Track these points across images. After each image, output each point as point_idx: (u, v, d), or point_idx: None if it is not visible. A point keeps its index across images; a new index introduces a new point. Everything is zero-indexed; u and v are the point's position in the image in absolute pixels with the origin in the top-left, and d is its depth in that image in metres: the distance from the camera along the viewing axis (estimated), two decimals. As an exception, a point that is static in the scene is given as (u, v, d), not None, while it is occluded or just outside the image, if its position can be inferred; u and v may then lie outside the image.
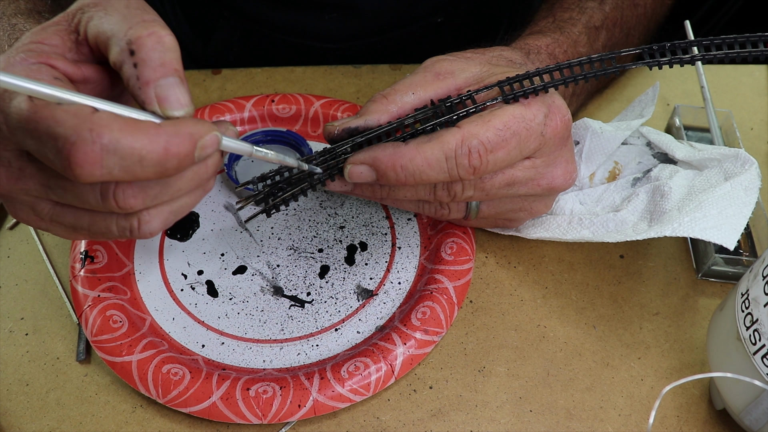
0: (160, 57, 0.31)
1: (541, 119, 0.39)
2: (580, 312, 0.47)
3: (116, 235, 0.34)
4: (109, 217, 0.33)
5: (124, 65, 0.31)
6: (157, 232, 0.34)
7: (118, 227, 0.33)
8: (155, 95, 0.31)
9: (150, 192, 0.32)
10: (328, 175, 0.41)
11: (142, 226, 0.33)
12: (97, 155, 0.28)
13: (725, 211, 0.41)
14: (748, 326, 0.37)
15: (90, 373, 0.44)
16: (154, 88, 0.31)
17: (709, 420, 0.42)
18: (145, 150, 0.29)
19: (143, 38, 0.31)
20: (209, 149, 0.31)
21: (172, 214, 0.34)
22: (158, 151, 0.29)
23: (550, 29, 0.50)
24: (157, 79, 0.31)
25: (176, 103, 0.31)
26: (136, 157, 0.29)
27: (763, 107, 0.61)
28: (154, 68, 0.31)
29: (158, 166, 0.30)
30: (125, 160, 0.29)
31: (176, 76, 0.31)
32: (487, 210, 0.45)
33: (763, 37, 0.39)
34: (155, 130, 0.30)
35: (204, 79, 0.62)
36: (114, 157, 0.29)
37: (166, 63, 0.31)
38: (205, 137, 0.31)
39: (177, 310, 0.46)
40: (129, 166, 0.29)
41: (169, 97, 0.31)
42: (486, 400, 0.43)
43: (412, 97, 0.41)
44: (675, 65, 0.40)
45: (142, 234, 0.34)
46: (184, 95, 0.31)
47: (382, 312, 0.46)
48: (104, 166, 0.29)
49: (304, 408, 0.40)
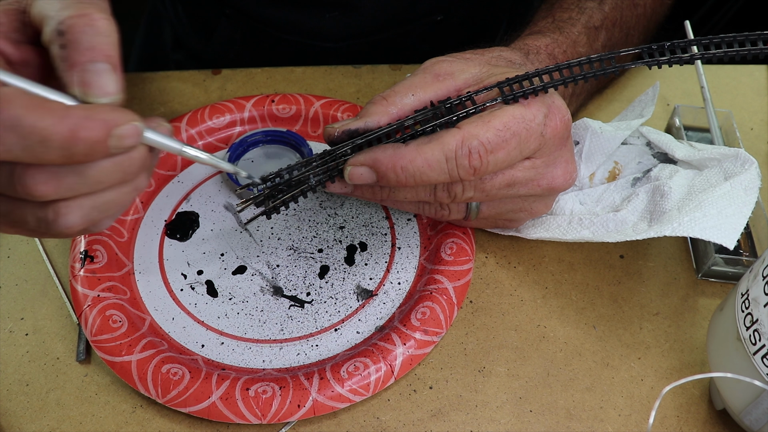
0: (90, 40, 0.29)
1: (541, 119, 0.39)
2: (580, 312, 0.47)
3: (33, 226, 0.32)
4: (25, 205, 0.31)
5: (52, 45, 0.30)
6: (77, 228, 0.32)
7: (33, 217, 0.31)
8: (78, 79, 0.29)
9: (64, 180, 0.30)
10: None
11: (59, 218, 0.31)
12: None
13: (725, 210, 0.41)
14: (748, 326, 0.37)
15: (90, 373, 0.44)
16: (79, 71, 0.29)
17: (709, 420, 0.42)
18: (48, 131, 0.27)
19: (74, 18, 0.29)
20: (128, 140, 0.30)
21: (94, 209, 0.32)
22: (63, 133, 0.28)
23: (549, 29, 0.50)
24: (84, 63, 0.29)
25: (99, 89, 0.29)
26: (38, 137, 0.27)
27: (763, 107, 0.61)
28: (81, 51, 0.29)
29: (64, 150, 0.28)
30: (27, 139, 0.27)
31: (106, 62, 0.30)
32: (487, 210, 0.45)
33: (762, 36, 0.39)
34: (63, 111, 0.28)
35: (204, 79, 0.62)
36: (13, 135, 0.27)
37: (96, 47, 0.29)
38: (123, 126, 0.29)
39: (177, 310, 0.46)
40: (31, 146, 0.28)
41: (92, 82, 0.29)
42: (486, 400, 0.43)
43: (411, 99, 0.41)
44: (675, 65, 0.40)
45: (59, 228, 0.32)
46: (111, 83, 0.30)
47: (381, 312, 0.46)
48: (2, 143, 0.27)
49: (304, 408, 0.40)
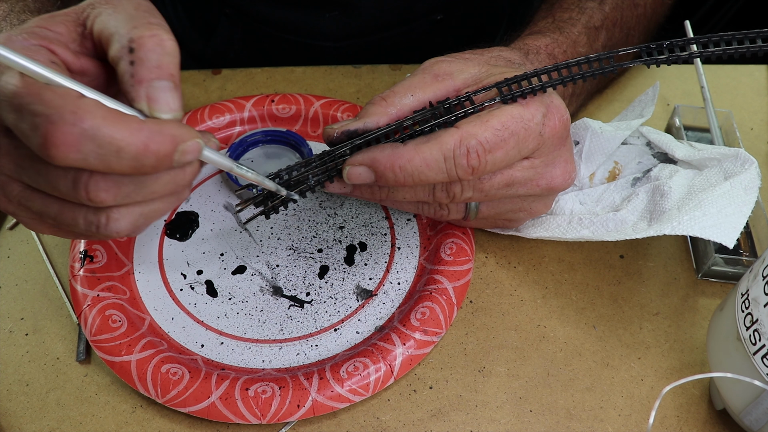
0: (158, 59, 0.31)
1: (540, 119, 0.39)
2: (580, 312, 0.47)
3: (82, 229, 0.33)
4: (78, 208, 0.33)
5: (121, 61, 0.31)
6: (125, 233, 0.34)
7: (85, 221, 0.33)
8: (146, 95, 0.31)
9: (123, 189, 0.31)
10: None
11: (110, 223, 0.33)
12: (75, 138, 0.28)
13: (725, 209, 0.41)
14: (748, 326, 0.37)
15: (90, 374, 0.44)
16: (146, 87, 0.31)
17: (709, 420, 0.42)
18: (125, 142, 0.29)
19: (145, 38, 0.31)
20: (189, 155, 0.31)
21: (142, 216, 0.34)
22: (137, 146, 0.29)
23: (549, 29, 0.50)
24: (151, 79, 0.31)
25: (165, 105, 0.31)
26: (114, 148, 0.29)
27: (763, 107, 0.61)
28: (150, 68, 0.31)
29: (135, 161, 0.29)
30: (102, 149, 0.29)
31: (171, 81, 0.31)
32: (486, 210, 0.45)
33: (761, 33, 0.39)
34: (138, 124, 0.29)
35: (204, 79, 0.62)
36: (92, 144, 0.28)
37: (162, 66, 0.31)
38: (188, 142, 0.31)
39: (176, 310, 0.46)
40: (105, 156, 0.29)
41: (159, 98, 0.31)
42: (486, 400, 0.42)
43: (411, 99, 0.41)
44: (675, 65, 0.40)
45: (109, 232, 0.33)
46: (174, 100, 0.31)
47: (381, 312, 0.46)
48: (80, 151, 0.28)
49: (303, 408, 0.40)
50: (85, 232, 0.34)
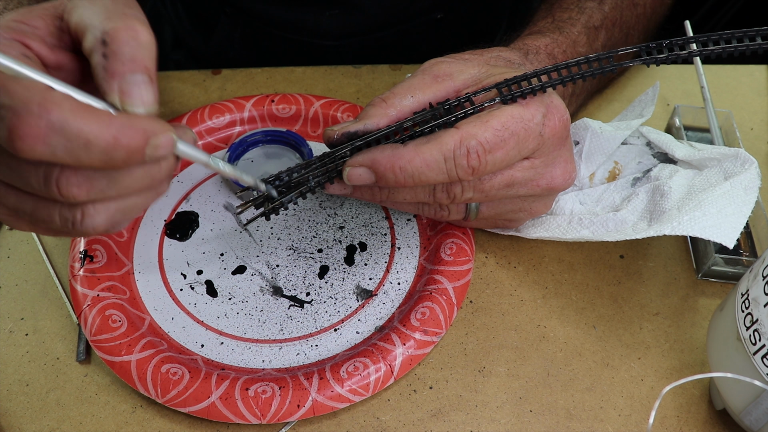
0: (132, 52, 0.30)
1: (540, 119, 0.39)
2: (580, 312, 0.47)
3: (58, 225, 0.33)
4: (52, 205, 0.32)
5: (94, 54, 0.30)
6: (102, 229, 0.33)
7: (61, 217, 0.32)
8: (118, 88, 0.30)
9: (96, 184, 0.31)
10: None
11: (85, 219, 0.32)
12: (41, 130, 0.28)
13: (725, 210, 0.41)
14: (748, 326, 0.37)
15: (90, 374, 0.44)
16: (119, 81, 0.30)
17: (709, 420, 0.42)
18: (93, 135, 0.28)
19: (119, 30, 0.30)
20: (162, 150, 0.31)
21: (119, 212, 0.33)
22: (106, 139, 0.29)
23: (549, 29, 0.50)
24: (125, 73, 0.30)
25: (138, 99, 0.30)
26: (83, 141, 0.28)
27: (763, 107, 0.61)
28: (123, 62, 0.30)
29: (104, 155, 0.29)
30: (71, 142, 0.28)
31: (145, 74, 0.31)
32: (486, 211, 0.45)
33: (760, 32, 0.39)
34: (108, 118, 0.29)
35: (204, 79, 0.62)
36: (59, 137, 0.28)
37: (136, 59, 0.30)
38: (160, 136, 0.30)
39: (176, 310, 0.46)
40: (74, 149, 0.28)
41: (132, 92, 0.30)
42: (486, 400, 0.42)
43: (411, 101, 0.41)
44: (675, 64, 0.40)
45: (85, 229, 0.32)
46: (148, 94, 0.31)
47: (381, 312, 0.46)
48: (47, 143, 0.28)
49: (303, 408, 0.40)
50: (61, 229, 0.33)
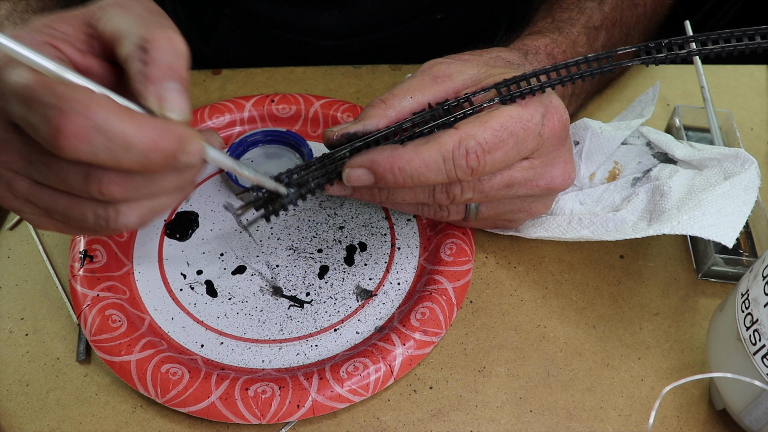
0: (170, 60, 0.31)
1: (539, 119, 0.39)
2: (580, 312, 0.47)
3: (91, 223, 0.33)
4: (87, 203, 0.33)
5: (132, 61, 0.31)
6: (132, 227, 0.34)
7: (95, 216, 0.33)
8: (156, 94, 0.31)
9: (133, 184, 0.32)
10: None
11: (119, 217, 0.33)
12: (86, 130, 0.28)
13: (724, 209, 0.41)
14: (748, 326, 0.36)
15: (90, 374, 0.44)
16: (157, 87, 0.31)
17: (709, 420, 0.42)
18: (135, 138, 0.29)
19: (158, 38, 0.31)
20: (194, 157, 0.31)
21: (149, 211, 0.34)
22: (146, 142, 0.29)
23: (548, 30, 0.50)
24: (163, 80, 0.31)
25: (175, 106, 0.31)
26: (124, 143, 0.29)
27: (763, 107, 0.61)
28: (162, 69, 0.31)
29: (143, 158, 0.30)
30: (113, 143, 0.29)
31: (180, 83, 0.31)
32: (486, 211, 0.45)
33: (760, 30, 0.38)
34: (147, 121, 0.30)
35: (204, 79, 0.62)
36: (102, 138, 0.29)
37: (174, 67, 0.31)
38: (193, 143, 0.31)
39: (176, 310, 0.46)
40: (115, 150, 0.29)
41: (169, 99, 0.31)
42: (486, 401, 0.42)
43: (410, 101, 0.41)
44: (675, 64, 0.40)
45: (118, 226, 0.33)
46: (183, 102, 0.31)
47: (381, 312, 0.46)
48: (90, 143, 0.29)
49: (303, 408, 0.40)
50: (93, 227, 0.34)
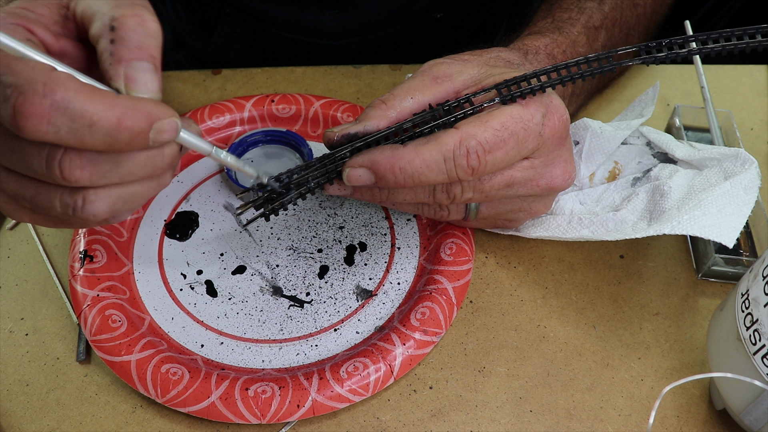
0: (139, 39, 0.30)
1: (539, 119, 0.39)
2: (580, 312, 0.47)
3: (58, 212, 0.32)
4: (54, 189, 0.32)
5: (101, 39, 0.30)
6: (102, 216, 0.33)
7: (61, 203, 0.32)
8: (124, 74, 0.30)
9: (99, 167, 0.31)
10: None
11: (86, 205, 0.32)
12: (45, 109, 0.28)
13: (724, 209, 0.41)
14: (748, 326, 0.36)
15: (90, 374, 0.44)
16: (125, 67, 0.30)
17: (709, 420, 0.42)
18: (98, 116, 0.28)
19: (127, 17, 0.30)
20: (166, 135, 0.31)
21: (120, 200, 0.33)
22: (110, 120, 0.29)
23: (548, 29, 0.50)
24: (131, 59, 0.30)
25: (143, 86, 0.30)
26: (87, 121, 0.28)
27: (763, 107, 0.61)
28: (130, 48, 0.30)
29: (108, 136, 0.29)
30: (75, 122, 0.28)
31: (151, 63, 0.31)
32: (486, 211, 0.45)
33: (760, 29, 0.38)
34: (112, 99, 0.29)
35: (204, 79, 0.62)
36: (63, 116, 0.28)
37: (143, 46, 0.30)
38: (164, 120, 0.30)
39: (176, 310, 0.46)
40: (78, 129, 0.28)
41: (137, 78, 0.30)
42: (486, 400, 0.42)
43: (410, 102, 0.41)
44: (675, 64, 0.40)
45: (86, 215, 0.32)
46: (153, 82, 0.31)
47: (381, 312, 0.46)
48: (51, 123, 0.28)
49: (303, 408, 0.40)
50: (61, 216, 0.33)
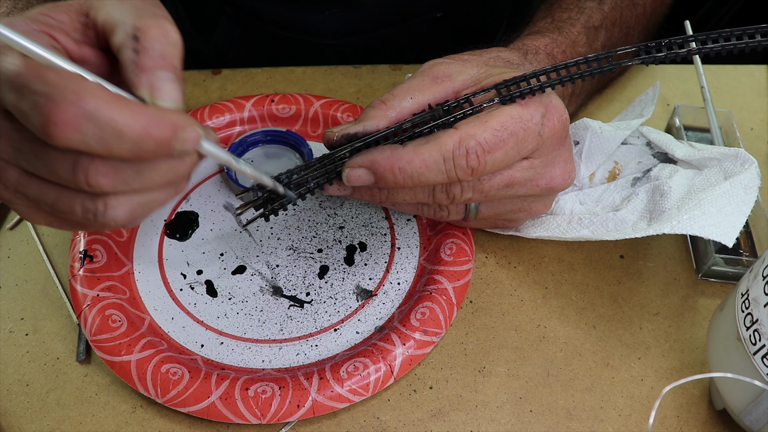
0: (162, 49, 0.31)
1: (539, 119, 0.39)
2: (580, 312, 0.47)
3: (79, 216, 0.33)
4: (75, 195, 0.32)
5: (125, 49, 0.31)
6: (122, 222, 0.33)
7: (82, 208, 0.32)
8: (148, 83, 0.31)
9: (122, 175, 0.31)
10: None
11: (107, 211, 0.32)
12: (76, 118, 0.28)
13: (724, 209, 0.41)
14: (748, 326, 0.36)
15: (90, 374, 0.44)
16: (149, 76, 0.31)
17: (709, 420, 0.42)
18: (126, 125, 0.29)
19: (150, 27, 0.31)
20: (189, 144, 0.31)
21: (140, 206, 0.33)
22: (138, 129, 0.29)
23: (548, 29, 0.50)
24: (154, 69, 0.31)
25: (167, 95, 0.31)
26: (115, 131, 0.29)
27: (763, 107, 0.61)
28: (154, 58, 0.31)
29: (135, 145, 0.29)
30: (103, 131, 0.29)
31: (173, 72, 0.31)
32: (486, 211, 0.45)
33: (760, 29, 0.38)
34: (139, 108, 0.29)
35: (204, 79, 0.62)
36: (93, 125, 0.28)
37: (166, 56, 0.31)
38: (187, 130, 0.31)
39: (176, 310, 0.46)
40: (106, 138, 0.29)
41: (161, 87, 0.31)
42: (486, 401, 0.42)
43: (410, 102, 0.41)
44: (675, 64, 0.40)
45: (106, 221, 0.33)
46: (176, 91, 0.31)
47: (381, 312, 0.46)
48: (81, 131, 0.28)
49: (303, 408, 0.40)
50: (81, 220, 0.33)
